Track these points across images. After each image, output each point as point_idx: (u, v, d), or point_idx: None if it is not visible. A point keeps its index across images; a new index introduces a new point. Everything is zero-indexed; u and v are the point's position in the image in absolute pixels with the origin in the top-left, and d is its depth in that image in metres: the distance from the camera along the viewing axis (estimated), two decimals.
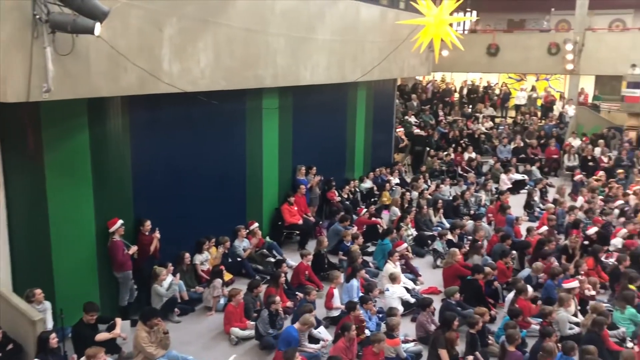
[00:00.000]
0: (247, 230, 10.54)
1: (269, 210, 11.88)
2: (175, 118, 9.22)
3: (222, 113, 10.11)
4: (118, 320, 7.50)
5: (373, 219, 12.52)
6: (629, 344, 7.88)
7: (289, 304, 8.76)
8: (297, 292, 9.23)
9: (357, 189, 14.27)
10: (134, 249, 8.28)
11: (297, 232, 11.79)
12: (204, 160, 9.85)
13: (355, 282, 8.97)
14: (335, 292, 8.72)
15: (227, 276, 9.67)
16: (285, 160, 12.26)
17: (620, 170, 16.39)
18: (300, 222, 11.76)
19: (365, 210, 12.73)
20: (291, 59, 10.90)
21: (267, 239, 11.32)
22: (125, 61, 7.07)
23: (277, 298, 8.04)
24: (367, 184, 14.77)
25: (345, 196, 13.62)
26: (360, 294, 8.74)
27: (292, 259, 10.70)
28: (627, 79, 19.30)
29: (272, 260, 10.44)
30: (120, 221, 8.09)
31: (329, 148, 14.03)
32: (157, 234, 8.65)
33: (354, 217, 12.69)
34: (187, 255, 9.29)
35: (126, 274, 8.21)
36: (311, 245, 11.18)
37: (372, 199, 14.42)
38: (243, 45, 9.53)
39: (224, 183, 10.45)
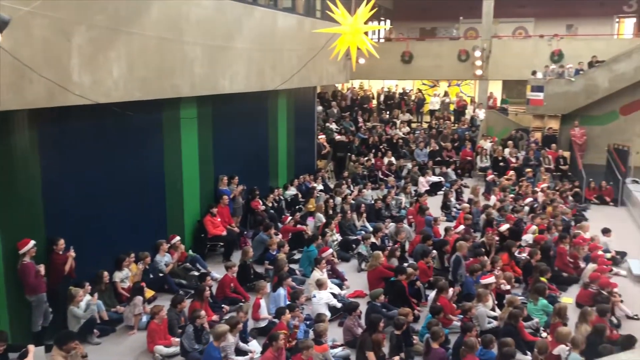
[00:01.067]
0: (169, 245, 10.24)
1: (191, 223, 11.62)
2: (88, 131, 8.83)
3: (138, 124, 9.81)
4: (30, 348, 7.00)
5: (298, 226, 12.56)
6: (543, 334, 8.36)
7: (215, 317, 8.58)
8: (222, 305, 9.07)
9: (282, 197, 14.27)
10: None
11: (221, 243, 11.60)
12: (120, 173, 9.49)
13: (282, 291, 8.94)
14: (262, 302, 8.64)
15: (149, 293, 9.35)
16: (206, 170, 12.04)
17: (528, 170, 17.39)
18: (224, 233, 11.58)
19: (290, 217, 12.74)
20: (209, 68, 10.76)
21: (190, 252, 11.06)
22: (30, 72, 6.70)
23: (202, 312, 7.87)
24: (292, 191, 14.81)
25: (270, 205, 13.57)
26: (287, 302, 8.71)
27: (217, 272, 10.52)
28: (531, 83, 20.50)
29: (196, 274, 10.21)
30: (32, 242, 7.61)
31: (252, 157, 13.95)
32: (72, 253, 8.21)
33: (279, 225, 12.68)
34: (106, 273, 8.89)
35: (40, 296, 7.72)
36: (236, 256, 11.02)
37: (297, 206, 14.47)
38: (158, 55, 9.30)
39: (142, 196, 10.12)
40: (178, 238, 10.49)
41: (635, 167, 17.34)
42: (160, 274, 9.87)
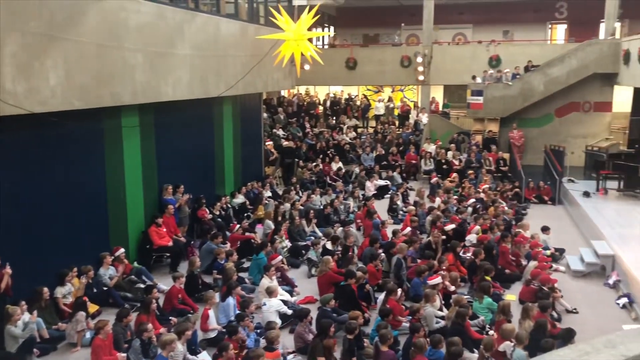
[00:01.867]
0: (113, 257, 9.95)
1: (135, 234, 11.32)
2: (24, 142, 8.48)
3: (77, 134, 9.49)
4: None
5: (246, 234, 12.45)
6: (489, 332, 8.59)
7: (162, 330, 8.38)
8: (170, 318, 8.87)
9: (229, 205, 14.11)
10: None
11: (168, 254, 11.36)
12: (59, 185, 9.16)
13: (231, 300, 8.83)
14: (211, 312, 8.50)
15: (93, 307, 9.04)
16: (150, 180, 11.77)
17: (470, 171, 17.90)
18: (170, 243, 11.34)
19: (238, 226, 12.62)
20: (150, 75, 10.54)
21: (135, 264, 10.78)
22: None
23: (149, 326, 7.67)
24: (239, 199, 14.68)
25: (217, 213, 13.39)
26: (237, 312, 8.61)
27: (164, 283, 10.28)
28: (470, 87, 21.15)
29: (142, 286, 9.95)
30: None
31: (197, 165, 13.74)
32: (8, 270, 7.83)
33: (227, 233, 12.53)
34: (46, 289, 8.51)
35: None
36: (183, 267, 10.83)
37: (246, 214, 14.35)
38: (97, 62, 9.04)
39: (83, 208, 9.78)
40: (122, 250, 10.20)
41: (570, 166, 18.15)
42: (105, 288, 9.57)
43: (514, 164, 18.98)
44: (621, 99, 21.08)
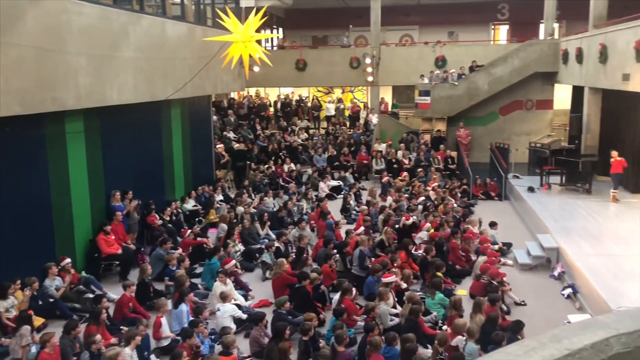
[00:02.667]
0: (59, 267, 9.59)
1: (82, 243, 10.96)
2: None
3: (19, 141, 9.12)
4: None
5: (198, 239, 12.26)
6: (443, 327, 8.76)
7: (113, 340, 8.15)
8: (121, 327, 8.64)
9: (180, 210, 13.87)
10: None
11: (117, 262, 11.05)
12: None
13: (184, 307, 8.68)
14: (163, 320, 8.33)
15: (38, 321, 8.68)
16: (96, 186, 11.43)
17: (419, 170, 18.24)
18: (119, 251, 11.03)
19: (189, 231, 12.42)
20: (95, 79, 10.24)
21: (83, 273, 10.44)
22: None
23: (98, 337, 7.43)
24: (190, 203, 14.44)
25: (168, 219, 13.13)
26: (191, 318, 8.47)
27: (114, 292, 9.99)
28: (418, 88, 21.55)
29: (91, 296, 9.62)
30: None
31: (146, 170, 13.43)
32: None
33: (179, 239, 12.31)
34: None
35: None
36: (134, 275, 10.56)
37: (197, 219, 14.13)
38: (38, 66, 8.72)
39: (26, 217, 9.41)
40: (68, 260, 9.84)
41: (515, 163, 18.75)
42: (51, 300, 9.21)
43: (461, 161, 19.46)
44: (561, 97, 21.94)
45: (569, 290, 10.10)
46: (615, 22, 14.65)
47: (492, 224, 12.91)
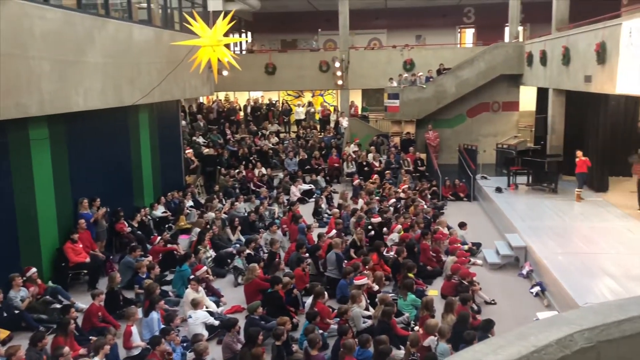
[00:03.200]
0: (24, 278, 9.35)
1: (49, 252, 10.71)
2: None
3: None
4: None
5: (168, 245, 12.11)
6: (415, 328, 8.83)
7: (82, 351, 7.98)
8: (90, 337, 8.46)
9: (149, 217, 13.68)
10: None
11: (85, 271, 10.83)
12: None
13: (155, 315, 8.56)
14: (134, 329, 8.19)
15: (3, 333, 8.45)
16: (63, 194, 11.19)
17: (387, 172, 18.38)
18: (88, 259, 10.82)
19: (159, 238, 12.25)
20: (59, 84, 10.03)
21: (50, 283, 10.20)
22: None
23: (66, 349, 7.25)
24: (160, 210, 14.26)
25: (137, 226, 12.94)
26: (162, 326, 8.36)
27: (82, 302, 9.78)
28: (387, 91, 21.73)
29: (58, 306, 9.42)
30: None
31: (114, 177, 13.21)
32: None
33: (148, 246, 12.14)
34: None
35: None
36: (103, 283, 10.37)
37: (167, 225, 13.96)
38: None
39: None
40: (34, 270, 9.62)
41: (483, 164, 19.06)
42: (16, 311, 8.97)
43: (430, 163, 19.67)
44: (527, 99, 22.40)
45: (537, 288, 10.30)
46: (577, 25, 15.03)
47: (462, 225, 13.10)
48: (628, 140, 15.95)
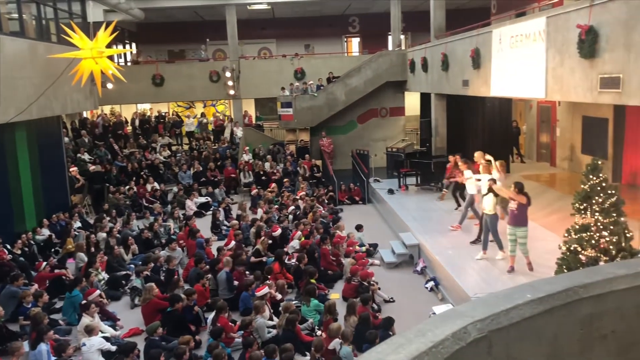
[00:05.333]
0: None
1: None
2: None
3: None
4: None
5: (56, 271, 11.33)
6: (318, 332, 8.93)
7: None
8: None
9: (32, 242, 12.71)
10: None
11: None
12: None
13: (43, 347, 7.93)
14: None
15: None
16: None
17: (285, 180, 18.51)
18: None
19: (45, 263, 11.42)
20: None
21: None
22: None
23: None
24: (44, 233, 13.30)
25: (19, 252, 11.97)
26: (53, 358, 7.79)
27: None
28: (280, 100, 21.89)
29: None
30: None
31: None
32: None
33: (33, 273, 11.28)
34: None
35: None
36: None
37: (53, 249, 13.05)
38: None
39: None
40: None
41: (375, 167, 19.74)
42: None
43: (326, 169, 20.08)
44: (411, 104, 23.54)
45: (431, 283, 10.81)
46: (454, 33, 16.03)
47: (358, 227, 13.45)
48: (505, 139, 17.20)
